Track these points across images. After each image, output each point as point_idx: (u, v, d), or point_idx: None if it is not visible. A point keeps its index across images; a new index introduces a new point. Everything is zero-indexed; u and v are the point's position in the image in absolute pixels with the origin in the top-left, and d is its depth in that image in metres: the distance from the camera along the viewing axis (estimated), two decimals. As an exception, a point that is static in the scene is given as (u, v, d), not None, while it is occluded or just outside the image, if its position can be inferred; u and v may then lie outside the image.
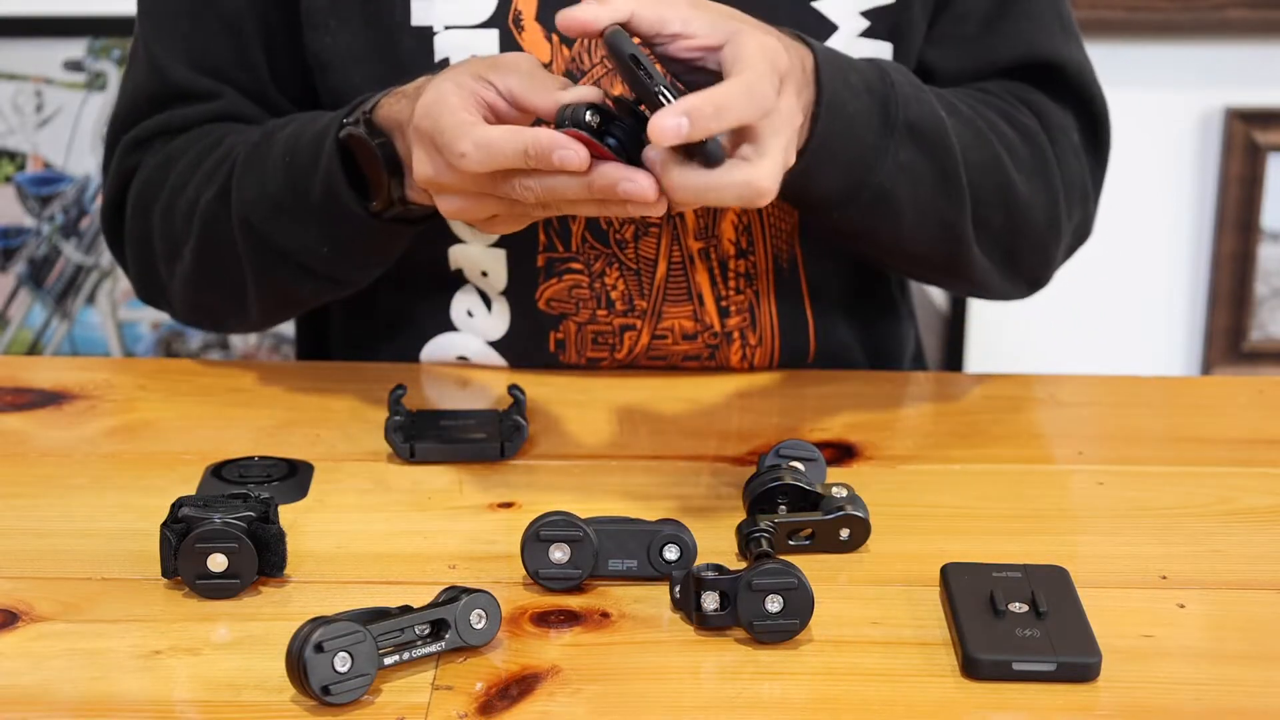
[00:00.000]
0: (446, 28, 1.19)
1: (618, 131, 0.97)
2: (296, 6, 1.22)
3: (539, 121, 1.01)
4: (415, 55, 1.20)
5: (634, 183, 0.96)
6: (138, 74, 1.28)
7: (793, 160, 1.00)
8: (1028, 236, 1.23)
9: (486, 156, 0.98)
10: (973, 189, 1.17)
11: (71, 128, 2.06)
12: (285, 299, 1.24)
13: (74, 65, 2.04)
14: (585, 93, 0.99)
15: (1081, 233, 1.30)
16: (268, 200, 1.16)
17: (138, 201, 1.25)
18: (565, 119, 0.97)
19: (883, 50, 1.22)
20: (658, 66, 0.97)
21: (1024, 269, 1.25)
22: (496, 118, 1.01)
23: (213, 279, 1.23)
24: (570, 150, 0.96)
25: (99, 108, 2.05)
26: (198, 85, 1.25)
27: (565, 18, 0.97)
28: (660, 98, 0.94)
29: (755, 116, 0.96)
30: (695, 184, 0.95)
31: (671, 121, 0.92)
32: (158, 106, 1.26)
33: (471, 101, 1.00)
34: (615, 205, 0.98)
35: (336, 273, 1.19)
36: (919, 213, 1.15)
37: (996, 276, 1.24)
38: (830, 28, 1.21)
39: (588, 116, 0.96)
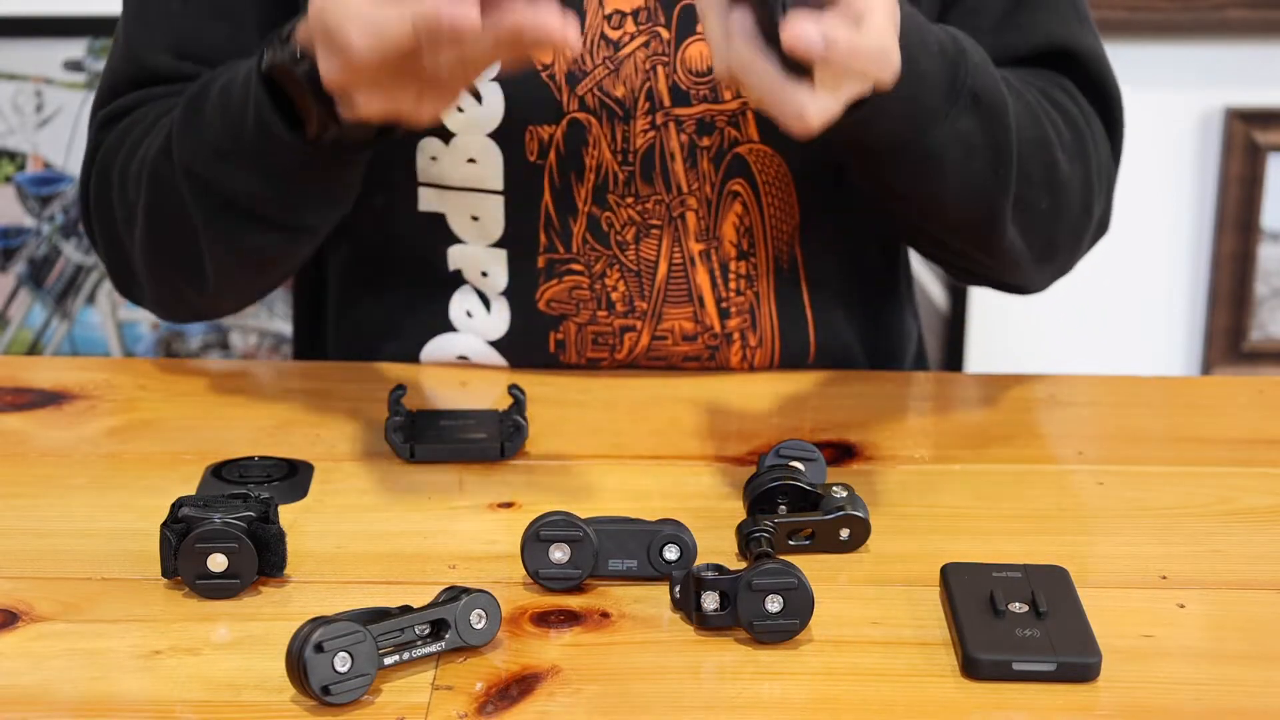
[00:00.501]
0: (448, 27, 1.19)
1: None
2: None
3: None
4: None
5: (538, 25, 0.93)
6: (115, 59, 1.26)
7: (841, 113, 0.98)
8: (1067, 220, 1.22)
9: (375, 41, 0.95)
10: (1021, 167, 1.15)
11: (71, 128, 2.06)
12: (240, 258, 1.18)
13: (74, 65, 2.04)
14: None
15: (1103, 223, 1.28)
16: (206, 146, 1.12)
17: (100, 170, 1.22)
18: None
19: None
20: None
21: (1058, 254, 1.24)
22: None
23: (166, 240, 1.18)
24: (459, 10, 0.92)
25: (99, 108, 2.05)
26: (176, 70, 1.22)
27: None
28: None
29: (870, 80, 0.95)
30: (762, 82, 0.93)
31: (813, 33, 0.91)
32: (133, 86, 1.24)
33: None
34: (530, 48, 0.96)
35: (283, 216, 1.14)
36: (963, 182, 1.13)
37: (1027, 259, 1.22)
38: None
39: None
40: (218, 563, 0.94)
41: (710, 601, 0.91)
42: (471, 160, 1.22)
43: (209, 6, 1.22)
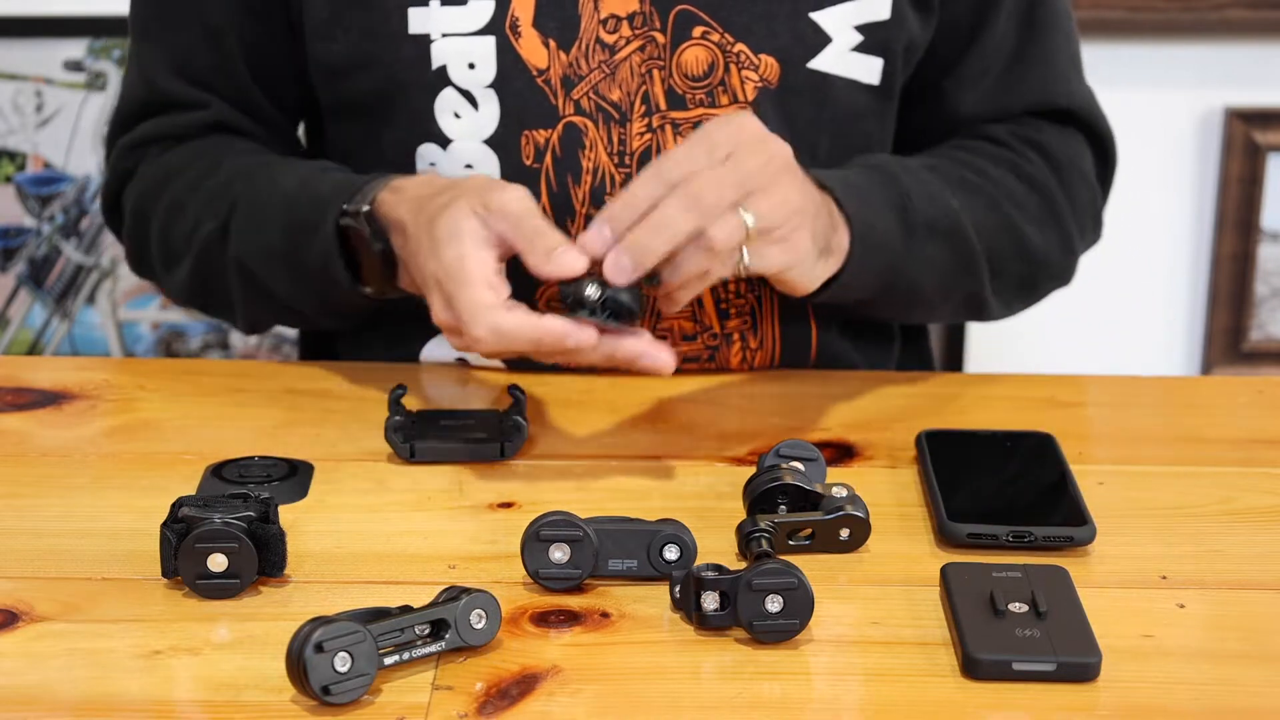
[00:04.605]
0: (443, 35, 1.19)
1: (622, 297, 1.03)
2: (285, 19, 1.23)
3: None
4: (413, 63, 1.20)
5: (654, 358, 1.04)
6: (130, 78, 1.31)
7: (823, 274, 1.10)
8: (1046, 273, 1.30)
9: (500, 344, 1.04)
10: (989, 252, 1.24)
11: (71, 128, 2.06)
12: (272, 323, 1.31)
13: (74, 65, 2.05)
14: (577, 262, 1.03)
15: (1092, 242, 1.36)
16: (265, 251, 1.20)
17: (136, 209, 1.29)
18: (569, 296, 1.03)
19: (872, 64, 1.23)
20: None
21: (1041, 296, 1.33)
22: (504, 249, 1.06)
23: (207, 297, 1.28)
24: (582, 336, 1.03)
25: (99, 108, 2.05)
26: (185, 95, 1.28)
27: None
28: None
29: (696, 220, 1.02)
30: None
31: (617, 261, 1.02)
32: (151, 112, 1.29)
33: (490, 265, 1.04)
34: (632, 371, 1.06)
35: (322, 323, 1.27)
36: (944, 292, 1.24)
37: (1016, 306, 1.31)
38: (825, 39, 1.21)
39: (589, 292, 1.03)
40: (218, 563, 0.94)
41: (710, 601, 0.91)
42: (469, 166, 1.22)
43: (200, 32, 1.26)
